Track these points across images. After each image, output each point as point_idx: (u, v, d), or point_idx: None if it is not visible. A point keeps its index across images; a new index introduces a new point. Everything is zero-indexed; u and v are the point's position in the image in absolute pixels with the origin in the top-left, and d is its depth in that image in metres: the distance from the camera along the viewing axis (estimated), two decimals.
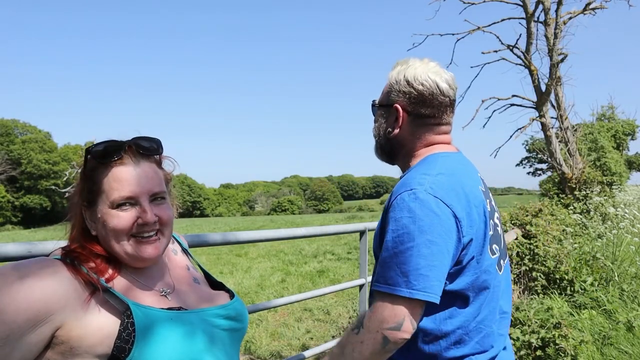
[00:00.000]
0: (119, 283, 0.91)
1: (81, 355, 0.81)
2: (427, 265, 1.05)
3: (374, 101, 1.36)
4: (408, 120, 1.28)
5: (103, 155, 0.90)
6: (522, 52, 11.18)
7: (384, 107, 1.33)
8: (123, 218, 0.89)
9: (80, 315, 0.81)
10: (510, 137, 12.00)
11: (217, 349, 0.95)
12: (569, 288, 4.65)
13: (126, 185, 0.90)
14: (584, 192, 9.87)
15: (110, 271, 0.91)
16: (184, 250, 1.19)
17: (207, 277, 1.17)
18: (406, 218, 1.08)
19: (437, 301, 1.07)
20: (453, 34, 12.08)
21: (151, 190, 0.93)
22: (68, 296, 0.81)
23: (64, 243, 0.97)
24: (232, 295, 1.10)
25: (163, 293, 0.97)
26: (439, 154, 1.26)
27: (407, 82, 1.26)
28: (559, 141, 11.32)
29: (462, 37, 12.01)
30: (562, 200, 9.99)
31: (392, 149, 1.33)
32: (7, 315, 0.74)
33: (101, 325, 0.82)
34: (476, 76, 12.19)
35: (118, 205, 0.89)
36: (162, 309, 0.90)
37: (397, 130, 1.30)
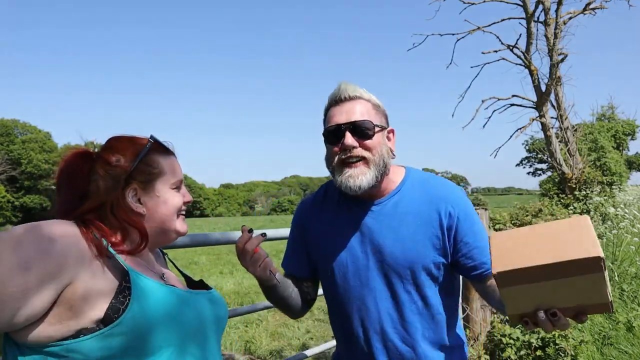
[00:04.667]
0: (126, 259, 0.95)
1: (77, 317, 0.82)
2: None
3: (369, 122, 1.26)
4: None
5: (165, 145, 1.09)
6: (522, 52, 11.19)
7: (383, 129, 1.31)
8: (179, 197, 1.08)
9: (86, 274, 0.84)
10: (510, 137, 12.02)
11: (205, 332, 1.01)
12: None
13: (179, 171, 1.10)
14: (584, 192, 9.87)
15: (125, 246, 0.96)
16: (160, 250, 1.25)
17: (185, 278, 1.23)
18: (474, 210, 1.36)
19: None
20: (453, 34, 12.10)
21: None
22: (81, 254, 0.84)
23: None
24: (207, 288, 1.17)
25: (162, 275, 1.04)
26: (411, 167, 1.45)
27: (382, 106, 1.35)
28: (559, 141, 11.33)
29: (462, 37, 12.03)
30: (562, 200, 9.99)
31: (385, 171, 1.31)
32: (32, 266, 0.77)
33: (101, 286, 0.85)
34: (476, 76, 12.22)
35: (175, 187, 1.07)
36: (159, 282, 0.96)
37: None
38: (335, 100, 1.30)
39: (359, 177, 1.24)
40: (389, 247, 1.29)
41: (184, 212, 1.10)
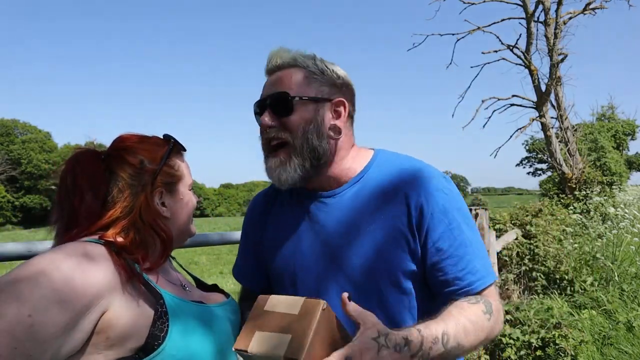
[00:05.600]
0: (154, 278, 0.92)
1: (115, 346, 0.79)
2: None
3: (285, 93, 1.01)
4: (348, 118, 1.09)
5: (183, 146, 1.05)
6: (522, 52, 11.20)
7: (318, 101, 1.04)
8: (195, 198, 1.06)
9: (121, 302, 0.80)
10: (510, 137, 12.03)
11: (230, 343, 0.99)
12: (569, 288, 4.65)
13: (190, 172, 1.07)
14: (584, 192, 9.86)
15: (148, 263, 0.91)
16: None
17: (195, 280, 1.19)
18: (464, 205, 1.04)
19: None
20: (453, 34, 12.10)
21: None
22: (114, 282, 0.80)
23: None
24: (225, 293, 1.14)
25: (184, 286, 1.01)
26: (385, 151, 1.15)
27: (329, 73, 1.07)
28: (559, 141, 11.33)
29: (462, 37, 12.03)
30: (562, 200, 9.98)
31: (320, 157, 1.03)
32: (67, 301, 0.73)
33: (137, 313, 0.82)
34: (476, 76, 12.22)
35: (191, 188, 1.05)
36: (189, 300, 0.93)
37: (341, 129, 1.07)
38: (266, 72, 1.09)
39: (277, 169, 1.02)
40: (345, 251, 1.01)
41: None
